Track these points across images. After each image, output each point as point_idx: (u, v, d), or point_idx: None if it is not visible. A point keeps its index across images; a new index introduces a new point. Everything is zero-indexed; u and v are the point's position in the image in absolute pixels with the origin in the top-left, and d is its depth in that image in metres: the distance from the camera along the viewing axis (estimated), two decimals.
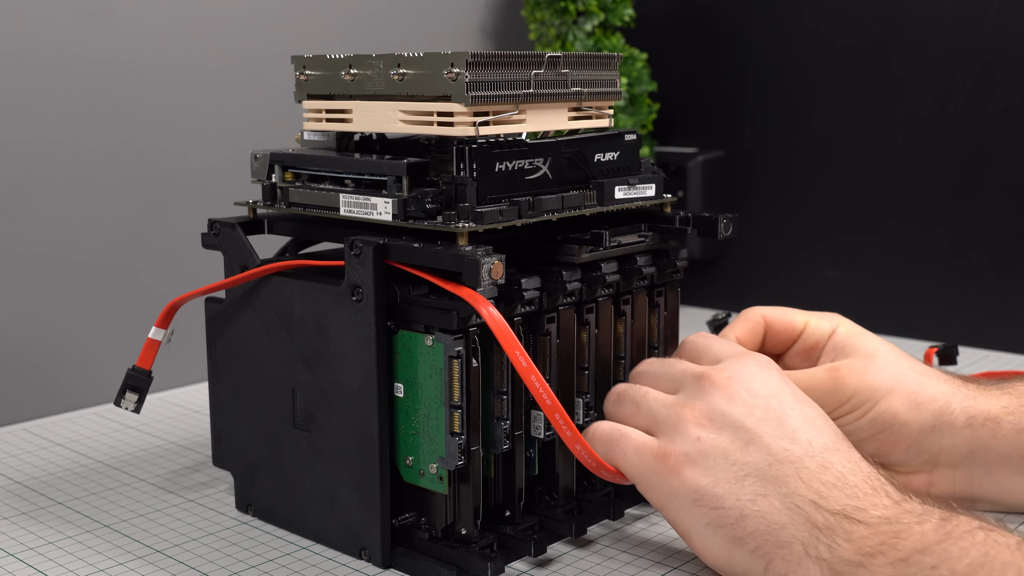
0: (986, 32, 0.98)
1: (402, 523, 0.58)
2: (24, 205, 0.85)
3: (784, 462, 0.50)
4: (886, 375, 0.61)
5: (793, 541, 0.48)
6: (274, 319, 0.60)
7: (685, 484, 0.51)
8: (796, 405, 0.53)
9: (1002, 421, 0.60)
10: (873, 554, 0.45)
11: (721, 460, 0.51)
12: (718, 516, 0.50)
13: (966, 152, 1.01)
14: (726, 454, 0.51)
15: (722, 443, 0.51)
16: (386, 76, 0.59)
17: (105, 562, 0.59)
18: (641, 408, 0.55)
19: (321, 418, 0.59)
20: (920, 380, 0.62)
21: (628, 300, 0.64)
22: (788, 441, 0.51)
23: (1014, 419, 0.60)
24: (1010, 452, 0.60)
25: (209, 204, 0.81)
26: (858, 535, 0.46)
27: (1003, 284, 1.00)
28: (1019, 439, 0.60)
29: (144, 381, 0.64)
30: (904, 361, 0.63)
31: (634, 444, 0.54)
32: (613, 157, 0.64)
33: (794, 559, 0.47)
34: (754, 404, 0.52)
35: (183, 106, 0.93)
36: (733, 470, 0.50)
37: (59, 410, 0.87)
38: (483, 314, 0.53)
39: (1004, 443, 0.60)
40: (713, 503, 0.50)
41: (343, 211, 0.60)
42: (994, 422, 0.60)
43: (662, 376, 0.57)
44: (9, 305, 0.85)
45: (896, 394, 0.61)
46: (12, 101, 0.84)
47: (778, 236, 1.13)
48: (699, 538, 0.51)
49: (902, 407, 0.61)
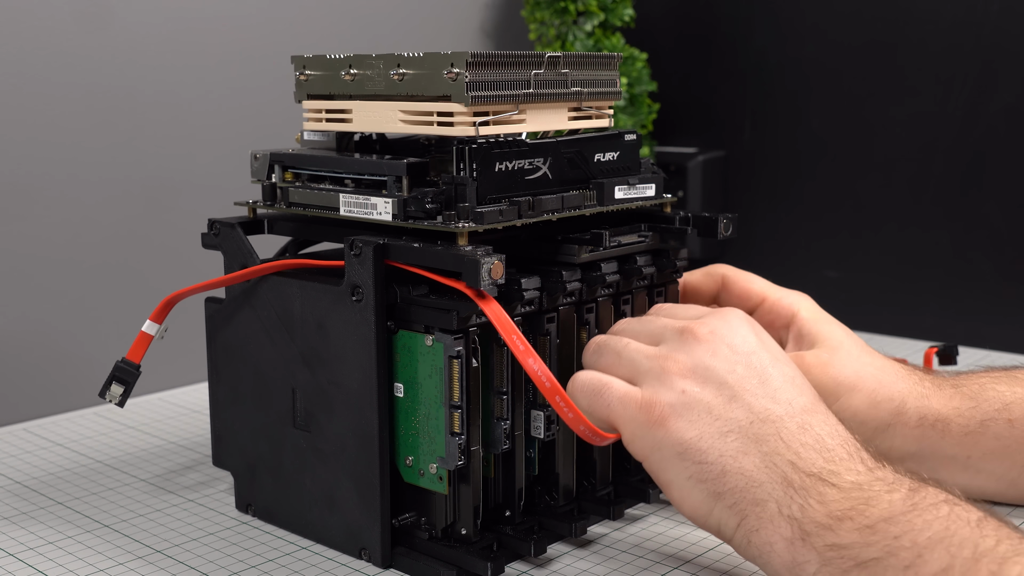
0: (986, 32, 0.98)
1: (402, 523, 0.58)
2: (24, 205, 0.85)
3: (766, 421, 0.50)
4: (849, 370, 0.62)
5: (768, 499, 0.48)
6: (274, 319, 0.60)
7: (670, 436, 0.51)
8: (776, 363, 0.53)
9: (951, 422, 0.61)
10: (842, 518, 0.46)
11: (705, 414, 0.51)
12: (701, 470, 0.50)
13: (966, 152, 1.01)
14: (710, 408, 0.51)
15: (706, 397, 0.51)
16: (386, 76, 0.59)
17: (105, 562, 0.59)
18: (623, 358, 0.55)
19: (321, 418, 0.59)
20: (880, 377, 0.62)
21: (628, 300, 0.64)
22: (769, 400, 0.51)
23: (963, 421, 0.61)
24: (956, 453, 0.62)
25: (209, 204, 0.81)
26: (830, 498, 0.47)
27: (1003, 284, 1.00)
28: (966, 441, 0.61)
29: (132, 374, 0.64)
30: (866, 356, 0.63)
31: (617, 394, 0.53)
32: (613, 157, 0.64)
33: (767, 516, 0.48)
34: (736, 360, 0.52)
35: (183, 106, 0.93)
36: (717, 425, 0.50)
37: (59, 410, 0.87)
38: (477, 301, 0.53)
39: (951, 444, 0.62)
40: (697, 457, 0.50)
41: (343, 211, 0.60)
42: (944, 422, 0.62)
43: (641, 331, 0.56)
44: (9, 305, 0.85)
45: (857, 391, 0.62)
46: (12, 101, 0.84)
47: (778, 236, 1.13)
48: (679, 490, 0.51)
49: (862, 405, 0.62)
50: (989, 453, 0.61)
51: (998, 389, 0.62)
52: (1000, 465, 0.62)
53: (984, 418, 0.61)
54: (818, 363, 0.62)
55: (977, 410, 0.62)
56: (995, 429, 0.61)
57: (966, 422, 0.61)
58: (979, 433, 0.61)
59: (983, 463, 0.62)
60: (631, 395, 0.53)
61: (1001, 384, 0.63)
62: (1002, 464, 0.62)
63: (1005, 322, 0.98)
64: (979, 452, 0.61)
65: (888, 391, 0.62)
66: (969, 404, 0.62)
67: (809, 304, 0.66)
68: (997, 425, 0.61)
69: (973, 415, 0.61)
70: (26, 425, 0.83)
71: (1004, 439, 0.61)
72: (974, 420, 0.61)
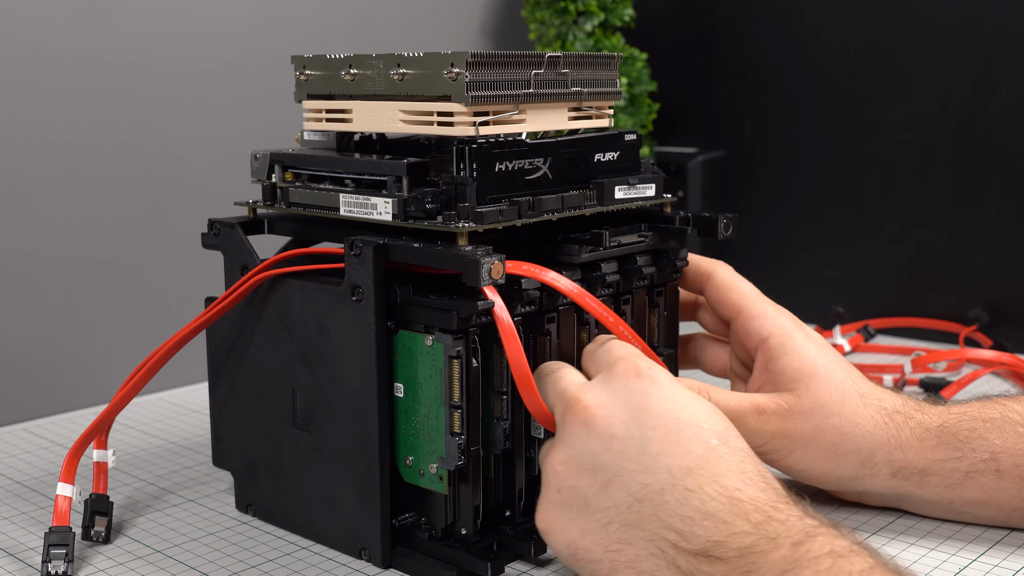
0: (986, 34, 0.98)
1: (402, 523, 0.58)
2: (24, 205, 0.85)
3: (643, 500, 0.47)
4: (808, 426, 0.59)
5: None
6: (274, 319, 0.60)
7: (558, 540, 0.50)
8: (660, 420, 0.49)
9: (931, 475, 0.59)
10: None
11: (583, 508, 0.49)
12: (593, 569, 0.48)
13: (966, 152, 1.01)
14: (587, 501, 0.49)
15: (582, 488, 0.49)
16: (386, 76, 0.59)
17: (105, 562, 0.59)
18: None
19: (321, 418, 0.59)
20: (843, 430, 0.59)
21: (628, 300, 0.64)
22: (647, 474, 0.47)
23: (944, 475, 0.59)
24: (938, 500, 0.60)
25: (209, 204, 0.81)
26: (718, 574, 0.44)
27: (1003, 284, 1.00)
28: (947, 492, 0.59)
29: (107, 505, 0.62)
30: (834, 405, 0.59)
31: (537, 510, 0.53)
32: (613, 157, 0.64)
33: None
34: (612, 435, 0.49)
35: (183, 106, 0.93)
36: (596, 517, 0.48)
37: (59, 410, 0.87)
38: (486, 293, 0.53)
39: (931, 493, 0.60)
40: (585, 556, 0.49)
41: (343, 211, 0.60)
42: (921, 475, 0.59)
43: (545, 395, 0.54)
44: (9, 305, 0.85)
45: (813, 447, 0.59)
46: (12, 101, 0.84)
47: (778, 236, 1.13)
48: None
49: (818, 459, 0.60)
50: (974, 502, 0.59)
51: (987, 438, 0.58)
52: (985, 511, 0.60)
53: (970, 470, 0.58)
54: (776, 414, 0.59)
55: (962, 461, 0.58)
56: (981, 481, 0.58)
57: (949, 475, 0.59)
58: (963, 485, 0.59)
59: (967, 508, 0.60)
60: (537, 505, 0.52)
61: (991, 432, 0.58)
62: (988, 510, 0.59)
63: (1005, 322, 0.98)
64: (962, 501, 0.59)
65: (853, 444, 0.59)
66: (955, 455, 0.58)
67: (782, 329, 0.62)
68: (984, 477, 0.58)
69: (957, 467, 0.58)
70: (26, 425, 0.83)
71: (990, 490, 0.58)
72: (958, 472, 0.59)
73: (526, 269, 0.56)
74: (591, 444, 0.49)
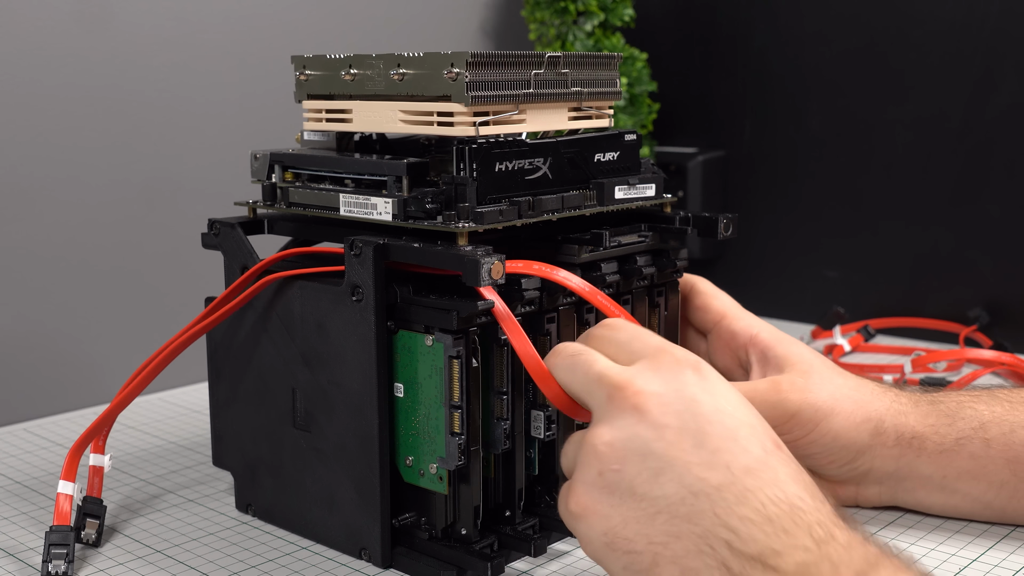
0: (986, 34, 0.98)
1: (402, 523, 0.58)
2: (24, 205, 0.85)
3: (699, 495, 0.44)
4: (825, 394, 0.60)
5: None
6: (274, 319, 0.60)
7: (593, 528, 0.46)
8: (717, 415, 0.46)
9: (927, 440, 0.60)
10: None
11: (628, 496, 0.45)
12: (632, 560, 0.45)
13: (966, 152, 1.01)
14: (633, 489, 0.45)
15: (628, 475, 0.45)
16: (386, 76, 0.59)
17: (105, 562, 0.59)
18: None
19: (321, 418, 0.59)
20: (857, 398, 0.61)
21: (628, 300, 0.64)
22: (704, 467, 0.45)
23: (938, 439, 0.60)
24: (931, 472, 0.61)
25: (209, 204, 0.81)
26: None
27: (1003, 284, 1.00)
28: (940, 460, 0.60)
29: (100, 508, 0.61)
30: (839, 377, 0.62)
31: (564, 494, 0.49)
32: (613, 157, 0.64)
33: None
34: (666, 423, 0.46)
35: (183, 106, 0.93)
36: (643, 507, 0.45)
37: (59, 410, 0.87)
38: None
39: (926, 462, 0.61)
40: (624, 546, 0.45)
41: (343, 211, 0.60)
42: (920, 440, 0.61)
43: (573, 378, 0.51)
44: (9, 305, 0.85)
45: (837, 414, 0.60)
46: (12, 101, 0.84)
47: (778, 236, 1.13)
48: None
49: (843, 428, 0.60)
50: (964, 473, 0.60)
51: (976, 408, 0.61)
52: (975, 486, 0.61)
53: (959, 436, 0.60)
54: (794, 389, 0.60)
55: (953, 428, 0.60)
56: (970, 448, 0.60)
57: (941, 440, 0.60)
58: (954, 452, 0.60)
59: (958, 483, 0.61)
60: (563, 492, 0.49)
61: (980, 403, 0.61)
62: (977, 485, 0.60)
63: (1005, 322, 0.98)
64: (954, 472, 0.60)
65: (866, 411, 0.61)
66: (945, 422, 0.61)
67: (769, 326, 0.64)
68: (973, 444, 0.60)
69: (949, 433, 0.60)
70: (26, 425, 0.83)
71: (979, 459, 0.60)
72: (949, 438, 0.60)
73: (537, 268, 0.56)
74: (641, 430, 0.46)
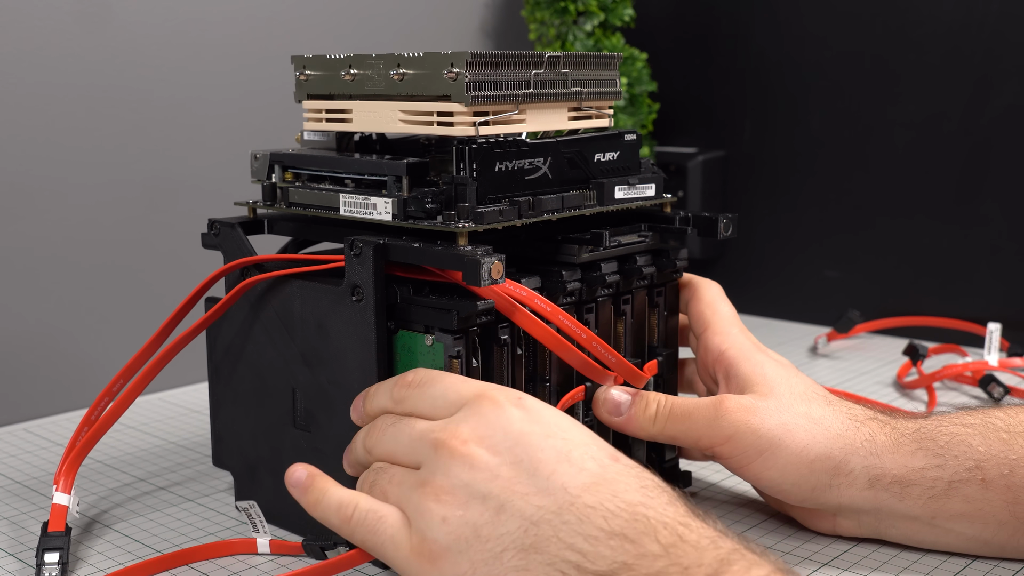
0: (985, 35, 0.98)
1: None
2: (24, 205, 0.85)
3: (540, 523, 0.44)
4: (774, 422, 0.56)
5: None
6: (274, 319, 0.60)
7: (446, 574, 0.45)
8: (547, 441, 0.46)
9: (912, 485, 0.55)
10: None
11: (474, 539, 0.45)
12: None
13: (965, 152, 1.01)
14: (477, 531, 0.45)
15: (471, 518, 0.45)
16: (386, 76, 0.59)
17: (105, 562, 0.59)
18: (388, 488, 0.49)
19: (321, 418, 0.59)
20: (815, 432, 0.56)
21: (628, 300, 0.64)
22: (541, 495, 0.44)
23: (927, 484, 0.55)
24: (919, 514, 0.56)
25: (209, 204, 0.81)
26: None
27: (1003, 284, 1.00)
28: (930, 504, 0.55)
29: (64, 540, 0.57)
30: (802, 406, 0.57)
31: (389, 534, 0.48)
32: (613, 157, 0.64)
33: None
34: (498, 463, 0.46)
35: (183, 106, 0.93)
36: (488, 547, 0.45)
37: (59, 410, 0.87)
38: None
39: (913, 506, 0.56)
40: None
41: (343, 211, 0.60)
42: (901, 485, 0.55)
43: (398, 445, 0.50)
44: (9, 305, 0.85)
45: (784, 447, 0.56)
46: (12, 101, 0.84)
47: (778, 236, 1.13)
48: None
49: (789, 463, 0.56)
50: (958, 515, 0.55)
51: (971, 444, 0.55)
52: (971, 527, 0.55)
53: (953, 479, 0.55)
54: (739, 410, 0.57)
55: (945, 469, 0.55)
56: (965, 491, 0.55)
57: (931, 484, 0.55)
58: (946, 496, 0.55)
59: (951, 524, 0.56)
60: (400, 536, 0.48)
61: (974, 438, 0.55)
62: (973, 526, 0.55)
63: (1005, 322, 0.98)
64: (946, 514, 0.55)
65: (825, 448, 0.56)
66: (936, 463, 0.55)
67: (740, 346, 0.61)
68: (968, 487, 0.55)
69: (940, 476, 0.55)
70: (26, 425, 0.83)
71: (976, 501, 0.55)
72: (941, 481, 0.55)
73: None
74: (475, 474, 0.46)
